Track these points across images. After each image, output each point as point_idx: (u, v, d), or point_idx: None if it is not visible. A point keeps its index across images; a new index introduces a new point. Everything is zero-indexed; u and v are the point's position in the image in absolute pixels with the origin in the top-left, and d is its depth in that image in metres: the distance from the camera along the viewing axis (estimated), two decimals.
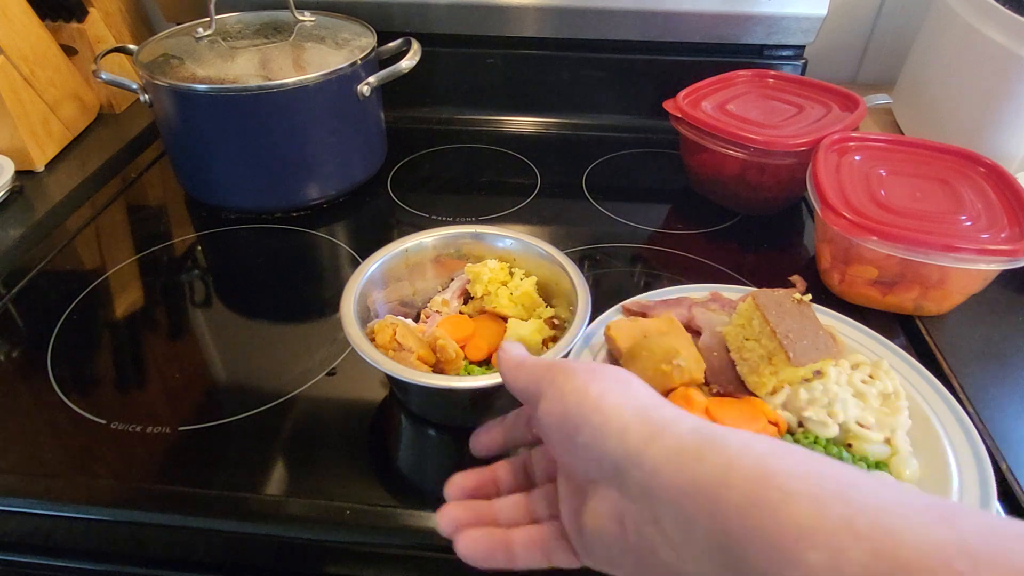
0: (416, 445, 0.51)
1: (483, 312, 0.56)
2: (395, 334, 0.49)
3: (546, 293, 0.57)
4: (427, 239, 0.57)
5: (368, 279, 0.53)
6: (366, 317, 0.53)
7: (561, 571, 0.35)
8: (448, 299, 0.57)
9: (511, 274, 0.57)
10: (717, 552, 0.26)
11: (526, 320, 0.55)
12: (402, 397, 0.53)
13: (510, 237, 0.58)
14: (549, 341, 0.53)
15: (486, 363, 0.53)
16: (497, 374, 0.39)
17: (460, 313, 0.57)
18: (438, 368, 0.51)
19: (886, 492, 0.24)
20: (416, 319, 0.57)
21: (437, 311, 0.56)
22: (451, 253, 0.58)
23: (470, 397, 0.49)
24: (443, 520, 0.37)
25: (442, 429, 0.51)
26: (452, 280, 0.59)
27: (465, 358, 0.52)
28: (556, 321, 0.55)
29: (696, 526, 0.26)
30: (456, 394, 0.47)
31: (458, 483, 0.39)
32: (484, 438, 0.42)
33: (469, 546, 0.36)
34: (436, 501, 0.38)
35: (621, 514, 0.30)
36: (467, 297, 0.58)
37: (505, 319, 0.55)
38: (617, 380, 0.33)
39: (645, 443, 0.29)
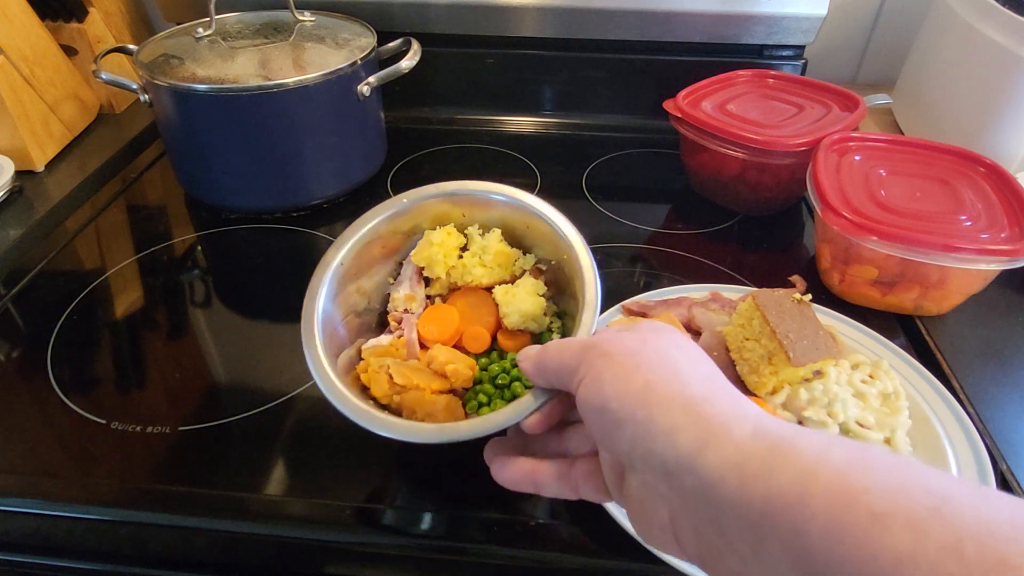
0: (416, 445, 0.51)
1: (456, 289, 0.49)
2: (391, 379, 0.42)
3: (513, 238, 0.50)
4: (358, 234, 0.48)
5: (324, 308, 0.45)
6: (339, 346, 0.45)
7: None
8: (409, 292, 0.49)
9: (465, 235, 0.50)
10: (798, 573, 0.23)
11: (509, 280, 0.48)
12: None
13: (447, 191, 0.50)
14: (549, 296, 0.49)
15: (492, 350, 0.48)
16: (528, 396, 0.37)
17: (430, 301, 0.49)
18: (453, 390, 0.45)
19: (988, 508, 0.21)
20: (382, 326, 0.49)
21: (406, 310, 0.49)
22: (389, 234, 0.50)
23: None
24: (486, 452, 0.38)
25: None
26: (401, 265, 0.51)
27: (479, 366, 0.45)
28: (543, 266, 0.50)
29: (771, 545, 0.24)
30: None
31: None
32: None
33: (501, 470, 0.36)
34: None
35: (673, 512, 0.28)
36: (427, 278, 0.51)
37: (488, 289, 0.48)
38: (663, 363, 0.30)
39: (699, 448, 0.26)
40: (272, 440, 0.50)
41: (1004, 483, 0.46)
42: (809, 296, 0.52)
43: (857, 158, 0.66)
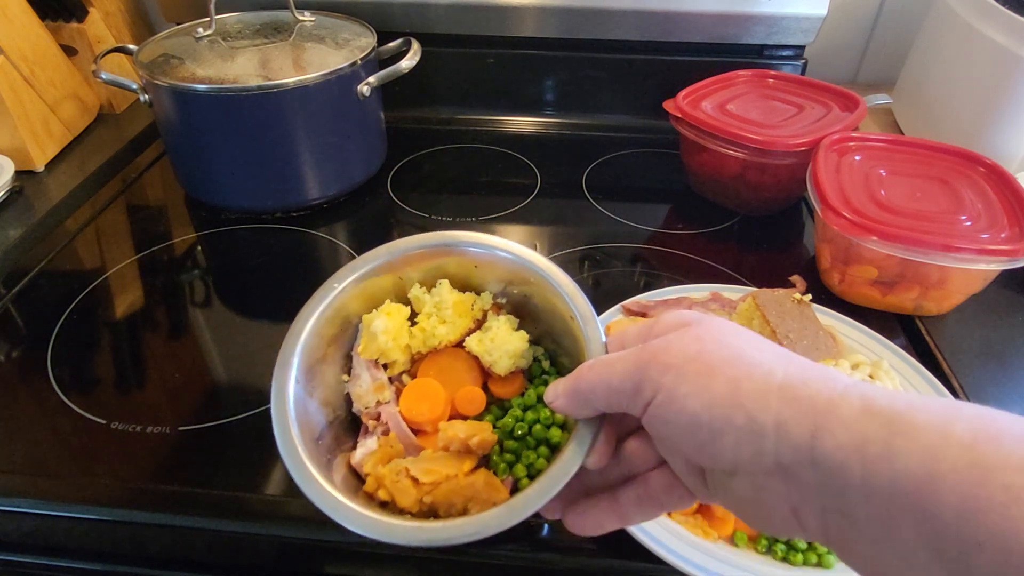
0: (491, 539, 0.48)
1: (422, 358, 0.44)
2: (416, 481, 0.36)
3: (459, 282, 0.46)
4: (299, 343, 0.41)
5: (300, 425, 0.38)
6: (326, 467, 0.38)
7: None
8: (372, 382, 0.42)
9: (408, 302, 0.45)
10: (933, 553, 0.22)
11: (474, 327, 0.44)
12: None
13: (369, 266, 0.43)
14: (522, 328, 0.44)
15: (489, 403, 0.43)
16: (579, 432, 0.34)
17: (398, 383, 0.43)
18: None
19: None
20: (354, 430, 0.43)
21: (379, 402, 0.42)
22: (327, 330, 0.43)
23: None
24: (545, 511, 0.34)
25: None
26: (351, 358, 0.44)
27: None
28: (500, 300, 0.46)
29: (903, 528, 0.23)
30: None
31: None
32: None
33: (579, 520, 0.34)
34: None
35: (795, 506, 0.27)
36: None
37: (458, 344, 0.44)
38: (732, 357, 0.28)
39: (811, 438, 0.25)
40: (272, 440, 0.50)
41: None
42: (809, 296, 0.52)
43: (857, 158, 0.66)
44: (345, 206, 0.79)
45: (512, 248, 0.43)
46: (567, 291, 0.40)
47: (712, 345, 0.29)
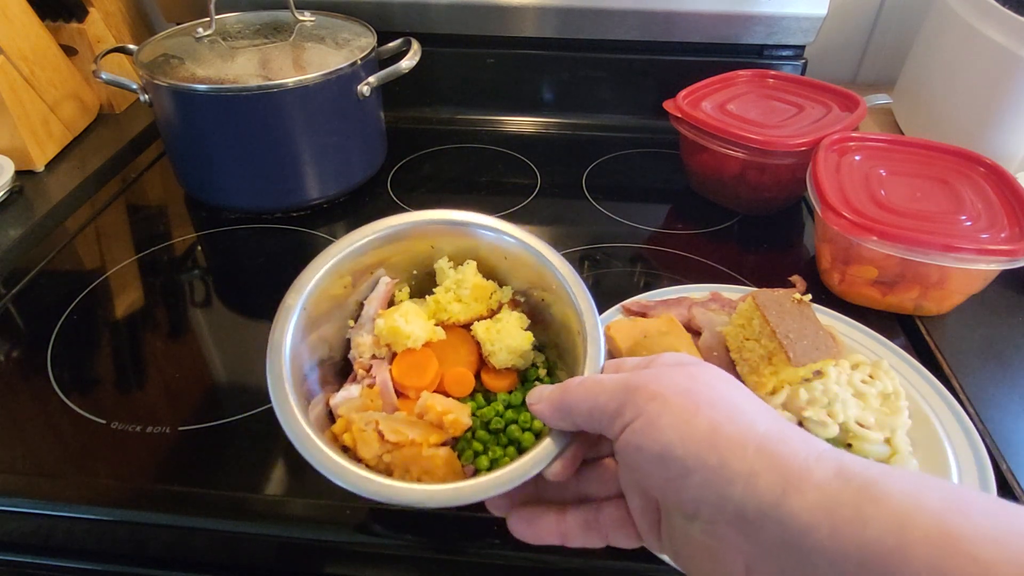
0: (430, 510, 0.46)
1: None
2: (382, 436, 0.37)
3: (487, 269, 0.46)
4: (319, 273, 0.43)
5: (291, 359, 0.39)
6: (308, 403, 0.39)
7: None
8: (373, 337, 0.44)
9: (433, 273, 0.47)
10: None
11: (486, 314, 0.45)
12: None
13: (414, 220, 0.45)
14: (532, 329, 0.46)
15: (476, 390, 0.44)
16: (547, 441, 0.34)
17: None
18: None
19: None
20: (344, 375, 0.44)
21: (375, 356, 0.43)
22: (350, 271, 0.45)
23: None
24: (492, 504, 0.35)
25: None
26: (362, 306, 0.46)
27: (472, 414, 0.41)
28: (520, 298, 0.47)
29: None
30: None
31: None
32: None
33: (521, 524, 0.34)
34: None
35: (751, 563, 0.27)
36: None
37: (465, 326, 0.44)
38: (720, 401, 0.28)
39: (783, 494, 0.25)
40: (272, 440, 0.50)
41: (1004, 483, 0.46)
42: (809, 296, 0.52)
43: (857, 158, 0.66)
44: (345, 206, 0.79)
45: (540, 247, 0.43)
46: (583, 307, 0.40)
47: (703, 386, 0.29)
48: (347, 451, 0.38)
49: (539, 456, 0.34)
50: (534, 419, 0.39)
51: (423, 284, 0.48)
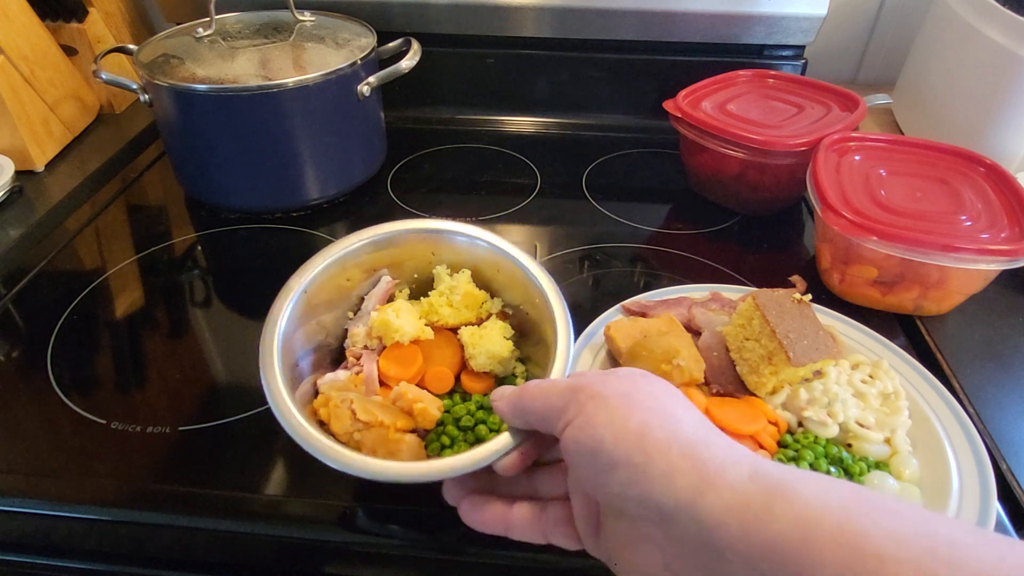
0: (388, 484, 0.47)
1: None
2: (355, 415, 0.40)
3: (481, 280, 0.49)
4: (325, 262, 0.46)
5: (284, 335, 0.43)
6: (295, 381, 0.43)
7: None
8: (367, 330, 0.47)
9: (432, 279, 0.50)
10: None
11: (475, 322, 0.47)
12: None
13: (419, 227, 0.48)
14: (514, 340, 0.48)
15: (455, 391, 0.47)
16: (504, 436, 0.36)
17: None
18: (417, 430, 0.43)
19: (984, 550, 0.22)
20: (337, 362, 0.47)
21: (366, 346, 0.46)
22: (356, 266, 0.48)
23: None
24: (446, 490, 0.37)
25: None
26: (362, 300, 0.49)
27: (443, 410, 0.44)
28: (509, 310, 0.49)
29: None
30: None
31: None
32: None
33: (470, 511, 0.36)
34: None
35: (669, 560, 0.28)
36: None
37: (453, 330, 0.47)
38: (657, 407, 0.30)
39: (698, 492, 0.26)
40: (272, 440, 0.50)
41: (1004, 483, 0.46)
42: (809, 296, 0.52)
43: (857, 158, 0.66)
44: (345, 206, 0.79)
45: (527, 263, 0.46)
46: (559, 324, 0.42)
47: (642, 393, 0.31)
48: (323, 425, 0.41)
49: (492, 448, 0.36)
50: (502, 424, 0.41)
51: (423, 288, 0.50)
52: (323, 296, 0.46)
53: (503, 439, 0.36)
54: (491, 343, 0.45)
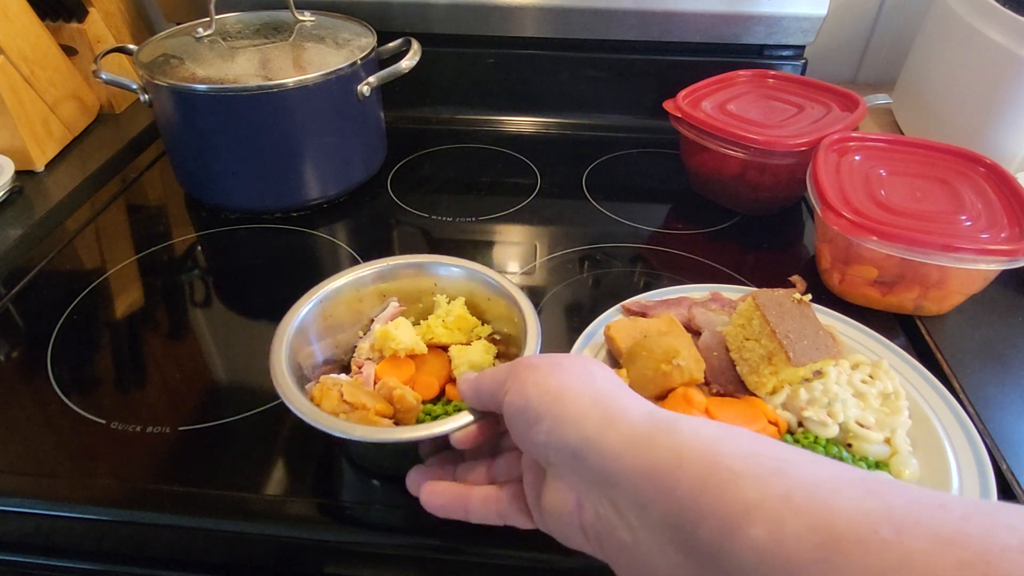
0: (357, 443, 0.48)
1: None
2: (342, 396, 0.44)
3: (475, 308, 0.54)
4: (339, 283, 0.52)
5: (294, 335, 0.48)
6: (301, 380, 0.47)
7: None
8: (371, 345, 0.52)
9: (433, 303, 0.55)
10: (671, 530, 0.27)
11: (466, 342, 0.52)
12: (363, 454, 0.49)
13: (438, 263, 0.54)
14: (499, 359, 0.52)
15: (439, 398, 0.50)
16: (463, 412, 0.40)
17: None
18: (397, 420, 0.46)
19: (820, 469, 0.26)
20: (346, 371, 0.52)
21: (368, 358, 0.52)
22: (358, 298, 0.54)
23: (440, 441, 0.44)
24: (409, 481, 0.41)
25: None
26: (372, 322, 0.54)
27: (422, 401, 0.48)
28: (498, 336, 0.53)
29: (653, 507, 0.28)
30: (426, 442, 0.44)
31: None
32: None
33: (430, 496, 0.39)
34: None
35: (580, 496, 0.32)
36: None
37: (444, 348, 0.52)
38: (579, 371, 0.35)
39: (601, 430, 0.31)
40: (272, 440, 0.50)
41: (1004, 483, 0.46)
42: (809, 296, 0.52)
43: (857, 158, 0.66)
44: (345, 206, 0.79)
45: (511, 290, 0.51)
46: (530, 342, 0.47)
47: (572, 363, 0.35)
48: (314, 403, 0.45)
49: (449, 421, 0.40)
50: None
51: (426, 313, 0.55)
52: (336, 311, 0.52)
53: (462, 416, 0.40)
54: (474, 354, 0.50)
